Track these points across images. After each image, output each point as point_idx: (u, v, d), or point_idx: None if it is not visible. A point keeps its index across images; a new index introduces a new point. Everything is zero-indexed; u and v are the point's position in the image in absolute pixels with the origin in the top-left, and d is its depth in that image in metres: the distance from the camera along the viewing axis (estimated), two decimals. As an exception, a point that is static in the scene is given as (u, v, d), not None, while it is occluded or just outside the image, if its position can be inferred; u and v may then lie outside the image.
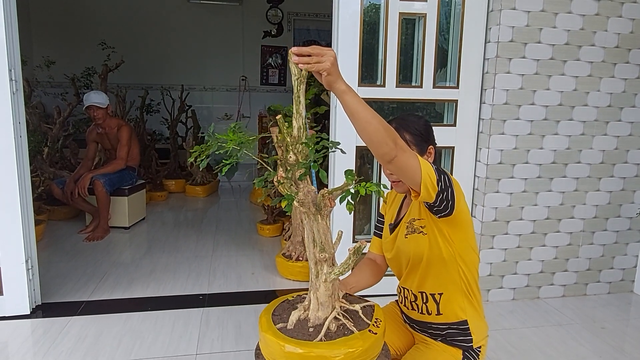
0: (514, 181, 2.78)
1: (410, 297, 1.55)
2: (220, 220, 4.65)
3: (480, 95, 2.79)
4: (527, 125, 2.74)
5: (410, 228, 1.47)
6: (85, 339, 2.35)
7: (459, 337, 1.49)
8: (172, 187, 5.76)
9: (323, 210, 1.16)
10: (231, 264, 3.44)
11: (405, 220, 1.51)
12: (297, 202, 1.16)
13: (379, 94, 2.70)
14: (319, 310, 1.18)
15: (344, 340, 1.09)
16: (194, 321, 2.56)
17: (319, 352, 1.05)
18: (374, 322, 1.16)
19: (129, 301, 2.80)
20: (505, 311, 2.79)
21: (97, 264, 3.35)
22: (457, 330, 1.48)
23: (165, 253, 3.64)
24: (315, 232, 1.18)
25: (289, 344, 1.07)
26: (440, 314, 1.49)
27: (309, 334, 1.14)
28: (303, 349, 1.06)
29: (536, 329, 2.59)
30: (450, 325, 1.49)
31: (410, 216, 1.49)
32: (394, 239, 1.55)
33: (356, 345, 1.07)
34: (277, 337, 1.11)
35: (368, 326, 1.15)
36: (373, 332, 1.13)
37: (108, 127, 4.12)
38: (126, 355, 2.22)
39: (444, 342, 1.52)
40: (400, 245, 1.51)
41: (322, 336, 1.12)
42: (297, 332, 1.15)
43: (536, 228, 2.87)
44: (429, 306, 1.51)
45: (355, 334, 1.12)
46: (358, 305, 1.22)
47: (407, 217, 1.51)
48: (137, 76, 7.28)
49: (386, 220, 1.65)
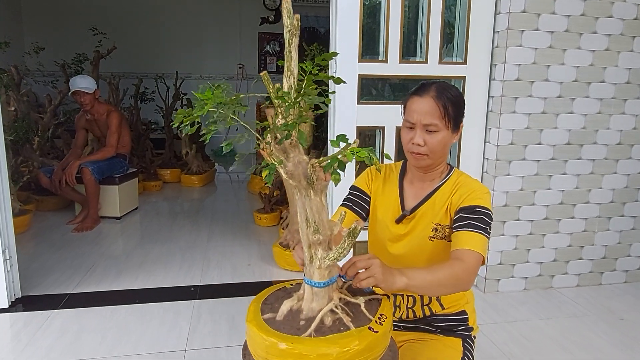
0: (525, 163, 2.60)
1: (409, 302, 1.40)
2: (216, 210, 4.47)
3: (489, 71, 2.60)
4: (540, 103, 2.55)
5: (439, 232, 1.31)
6: (66, 334, 2.19)
7: (459, 327, 1.40)
8: (167, 176, 5.59)
9: (316, 184, 0.98)
10: (226, 254, 3.27)
11: (427, 219, 1.33)
12: (286, 174, 0.98)
13: (381, 70, 2.51)
14: (314, 300, 1.01)
15: (337, 337, 0.93)
16: (184, 314, 2.40)
17: (305, 349, 0.89)
18: (377, 318, 0.99)
19: (115, 294, 2.63)
20: (517, 302, 2.62)
21: (84, 255, 3.18)
22: (458, 321, 1.40)
23: (158, 243, 3.47)
24: (307, 210, 1.00)
25: (272, 337, 0.92)
26: (444, 308, 1.39)
27: (299, 327, 0.97)
28: (287, 343, 0.90)
29: (550, 321, 2.42)
30: (452, 315, 1.39)
31: (436, 219, 1.31)
32: (403, 235, 1.37)
33: (351, 343, 0.91)
34: (261, 328, 0.96)
35: (369, 322, 0.98)
36: (374, 329, 0.95)
37: (97, 114, 3.93)
38: (109, 351, 2.06)
39: (442, 333, 1.40)
40: (421, 245, 1.33)
41: (312, 331, 0.95)
42: (285, 324, 0.98)
43: (549, 213, 2.69)
44: (433, 307, 1.39)
45: (351, 331, 0.95)
46: (362, 298, 1.05)
47: (427, 215, 1.33)
48: (131, 64, 7.08)
49: (379, 202, 1.44)
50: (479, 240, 1.18)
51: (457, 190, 1.29)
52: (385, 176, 1.45)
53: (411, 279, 1.05)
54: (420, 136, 1.25)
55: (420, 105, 1.25)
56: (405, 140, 1.30)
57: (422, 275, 1.08)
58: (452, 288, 1.14)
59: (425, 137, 1.25)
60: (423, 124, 1.24)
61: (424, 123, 1.24)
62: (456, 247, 1.18)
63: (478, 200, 1.24)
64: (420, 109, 1.25)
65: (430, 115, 1.24)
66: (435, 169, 1.34)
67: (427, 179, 1.36)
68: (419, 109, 1.25)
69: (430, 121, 1.23)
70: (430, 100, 1.24)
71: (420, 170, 1.34)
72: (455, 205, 1.27)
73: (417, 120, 1.25)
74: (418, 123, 1.25)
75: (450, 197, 1.30)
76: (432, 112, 1.23)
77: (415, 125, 1.26)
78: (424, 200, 1.34)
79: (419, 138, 1.25)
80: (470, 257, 1.15)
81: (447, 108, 1.24)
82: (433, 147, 1.25)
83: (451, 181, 1.33)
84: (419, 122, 1.25)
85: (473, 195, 1.25)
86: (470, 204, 1.23)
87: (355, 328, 0.96)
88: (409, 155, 1.31)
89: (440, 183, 1.34)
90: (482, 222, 1.20)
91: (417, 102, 1.26)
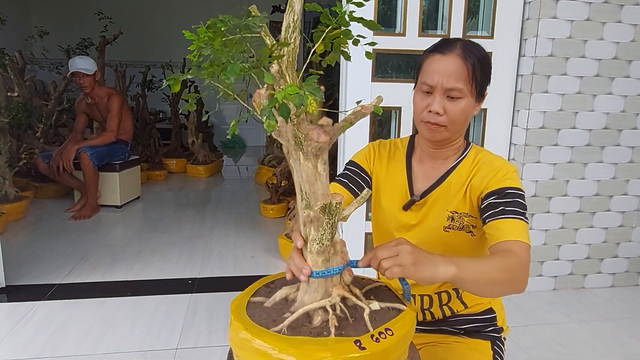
0: (558, 149, 2.35)
1: (424, 304, 1.18)
2: (221, 201, 4.27)
3: (519, 46, 2.34)
4: (576, 82, 2.29)
5: (457, 222, 1.09)
6: (48, 328, 2.00)
7: (486, 328, 1.20)
8: (173, 166, 5.42)
9: (304, 145, 0.76)
10: (229, 246, 3.06)
11: (441, 206, 1.11)
12: (275, 131, 0.77)
13: (398, 43, 2.27)
14: (307, 292, 0.80)
15: (304, 341, 0.71)
16: (178, 309, 2.19)
17: (263, 344, 0.71)
18: (377, 332, 0.74)
19: (107, 285, 2.44)
20: (545, 302, 2.37)
21: (79, 244, 3.00)
22: (485, 321, 1.20)
23: (157, 233, 3.27)
24: (298, 178, 0.79)
25: (239, 322, 0.77)
26: (468, 307, 1.17)
27: (276, 319, 0.77)
28: (248, 333, 0.73)
29: (584, 324, 2.17)
30: (477, 315, 1.19)
31: (452, 206, 1.09)
32: (413, 225, 1.14)
33: (317, 353, 0.68)
34: (235, 311, 0.81)
35: (362, 334, 0.74)
36: (361, 345, 0.70)
37: (97, 97, 3.75)
38: (92, 347, 1.86)
39: (467, 335, 1.18)
40: (434, 237, 1.11)
41: (284, 327, 0.74)
42: (268, 312, 0.80)
43: (583, 206, 2.43)
44: (454, 305, 1.17)
45: (327, 339, 0.72)
46: (377, 304, 0.81)
47: (441, 201, 1.11)
48: (138, 53, 6.93)
49: (382, 185, 1.21)
50: (522, 228, 0.97)
51: (477, 171, 1.07)
52: (390, 154, 1.22)
53: (462, 270, 0.82)
54: (439, 103, 1.02)
55: (444, 64, 1.02)
56: (419, 108, 1.07)
57: (476, 267, 0.85)
58: (506, 287, 0.90)
59: (446, 105, 1.03)
60: (445, 87, 1.02)
61: (446, 87, 1.02)
62: (498, 239, 0.96)
63: (507, 181, 1.02)
64: (442, 70, 1.02)
65: (455, 77, 1.01)
66: (451, 145, 1.12)
67: (440, 156, 1.13)
68: (442, 69, 1.02)
69: (454, 85, 1.01)
70: (456, 59, 1.02)
71: (433, 145, 1.12)
72: (477, 190, 1.05)
73: (437, 83, 1.02)
74: (438, 86, 1.02)
75: (469, 180, 1.08)
76: (457, 73, 1.01)
77: (434, 89, 1.03)
78: (437, 183, 1.12)
79: (437, 105, 1.02)
80: (520, 250, 0.93)
81: (475, 70, 1.02)
82: (454, 116, 1.03)
83: (469, 159, 1.11)
84: (439, 85, 1.02)
85: (499, 176, 1.03)
86: (499, 187, 1.01)
87: (335, 336, 0.72)
88: (422, 127, 1.08)
89: (456, 162, 1.12)
90: (518, 207, 0.99)
91: (439, 61, 1.03)
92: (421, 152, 1.16)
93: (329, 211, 0.71)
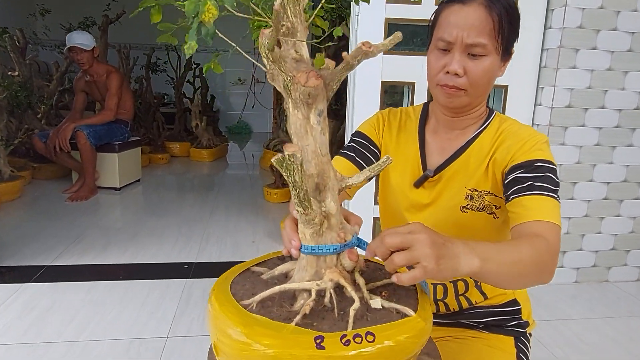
0: (584, 131, 2.16)
1: (437, 294, 1.02)
2: (224, 185, 4.13)
3: (544, 17, 2.15)
4: (607, 57, 2.10)
5: (476, 201, 0.93)
6: (31, 312, 1.86)
7: (510, 322, 1.05)
8: (176, 150, 5.28)
9: (292, 89, 0.62)
10: (229, 230, 2.91)
11: (459, 182, 0.95)
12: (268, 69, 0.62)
13: (412, 12, 2.08)
14: (299, 270, 0.67)
15: (260, 322, 0.58)
16: (172, 295, 2.05)
17: (218, 311, 0.62)
18: (354, 335, 0.56)
19: (98, 268, 2.31)
20: (567, 296, 2.20)
21: (73, 226, 2.87)
22: (507, 314, 1.04)
23: (155, 216, 3.14)
24: (290, 132, 0.66)
25: (217, 285, 0.68)
26: (488, 298, 1.03)
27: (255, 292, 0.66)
28: (214, 297, 0.65)
29: (610, 320, 2.00)
30: (499, 307, 1.04)
31: (471, 183, 0.93)
32: (426, 204, 0.99)
33: (264, 339, 0.56)
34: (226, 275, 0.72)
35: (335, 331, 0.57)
36: (320, 344, 0.55)
37: (96, 74, 3.59)
38: (76, 333, 1.72)
39: (487, 329, 1.04)
40: (449, 218, 0.96)
41: (254, 302, 0.62)
42: (258, 284, 0.68)
43: (610, 192, 2.24)
44: (472, 296, 1.01)
45: (285, 326, 0.58)
46: (379, 301, 0.63)
47: (459, 177, 0.95)
48: (141, 35, 6.75)
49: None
50: (553, 207, 0.81)
51: (501, 143, 0.91)
52: (401, 123, 1.05)
53: (486, 262, 0.65)
54: (459, 62, 0.86)
55: (464, 16, 0.85)
56: (434, 69, 0.90)
57: (501, 256, 0.69)
58: (533, 280, 0.74)
59: (467, 64, 0.86)
60: (466, 43, 0.85)
61: (467, 42, 0.85)
62: (524, 219, 0.80)
63: (537, 153, 0.86)
64: (463, 22, 0.85)
65: (478, 30, 0.85)
66: (471, 112, 0.95)
67: (458, 126, 0.97)
68: (462, 21, 0.85)
69: (477, 40, 0.85)
70: (479, 9, 0.85)
71: (450, 113, 0.95)
72: (501, 164, 0.89)
73: (456, 38, 0.85)
74: (458, 42, 0.85)
75: (491, 152, 0.92)
76: (480, 26, 0.85)
77: (452, 45, 0.86)
78: (454, 157, 0.96)
79: (456, 64, 0.86)
80: (551, 233, 0.77)
81: (501, 22, 0.85)
82: (476, 78, 0.87)
83: (491, 129, 0.95)
84: (459, 40, 0.85)
85: (527, 147, 0.87)
86: (528, 159, 0.86)
87: (299, 326, 0.57)
88: (437, 91, 0.91)
89: (477, 132, 0.95)
90: (549, 182, 0.83)
91: (458, 12, 0.86)
92: (436, 122, 1.00)
93: (285, 166, 0.56)
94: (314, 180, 0.65)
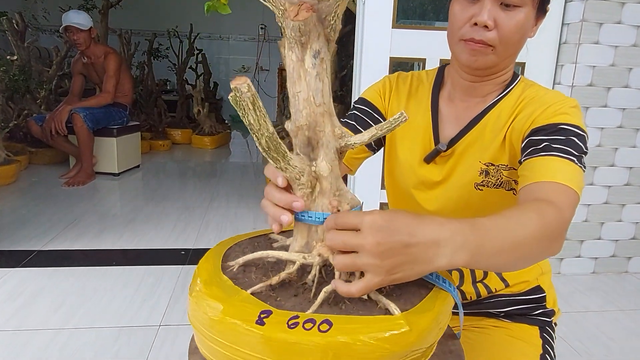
0: (607, 111, 2.02)
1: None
2: (226, 172, 4.02)
3: (566, -11, 2.01)
4: (632, 32, 1.95)
5: (492, 177, 0.81)
6: (17, 298, 1.77)
7: (534, 311, 0.93)
8: (178, 137, 5.18)
9: (284, 27, 0.52)
10: (229, 217, 2.81)
11: (473, 155, 0.82)
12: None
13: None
14: (294, 237, 0.58)
15: (222, 284, 0.54)
16: (167, 282, 1.95)
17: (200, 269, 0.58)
18: (308, 318, 0.47)
19: (91, 253, 2.21)
20: (584, 287, 2.08)
21: (68, 211, 2.77)
22: (531, 302, 0.92)
23: (153, 202, 3.03)
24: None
25: (223, 244, 0.65)
26: (509, 285, 0.90)
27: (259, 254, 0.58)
28: (208, 254, 0.62)
29: (632, 313, 1.88)
30: (522, 295, 0.92)
31: (486, 156, 0.80)
32: (437, 182, 0.87)
33: (211, 302, 0.50)
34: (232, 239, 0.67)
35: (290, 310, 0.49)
36: (262, 320, 0.47)
37: (93, 56, 3.48)
38: (63, 321, 1.62)
39: (508, 318, 0.92)
40: (462, 197, 0.84)
41: (237, 263, 0.57)
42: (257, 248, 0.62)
43: (632, 178, 2.11)
44: (491, 283, 0.89)
45: (241, 293, 0.52)
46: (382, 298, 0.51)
47: (473, 150, 0.82)
48: (143, 21, 6.65)
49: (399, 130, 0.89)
50: (572, 170, 0.67)
51: (522, 110, 0.78)
52: (411, 89, 0.93)
53: (478, 251, 0.50)
54: (489, 12, 0.73)
55: None
56: (459, 20, 0.77)
57: (498, 237, 0.53)
58: (538, 257, 0.59)
59: (498, 15, 0.73)
60: None
61: None
62: (532, 179, 0.67)
63: (562, 116, 0.73)
64: None
65: None
66: (496, 76, 0.82)
67: (478, 93, 0.84)
68: None
69: None
70: None
71: (471, 75, 0.82)
72: (520, 132, 0.76)
73: None
74: None
75: (510, 121, 0.79)
76: None
77: None
78: (469, 127, 0.83)
79: (487, 14, 0.73)
80: (562, 197, 0.63)
81: None
82: (507, 33, 0.74)
83: (513, 96, 0.82)
84: None
85: (551, 110, 0.74)
86: (550, 122, 0.72)
87: (249, 294, 0.51)
88: (460, 48, 0.78)
89: (496, 99, 0.82)
90: (572, 146, 0.69)
91: None
92: (452, 88, 0.87)
93: (238, 104, 0.45)
94: (304, 134, 0.54)
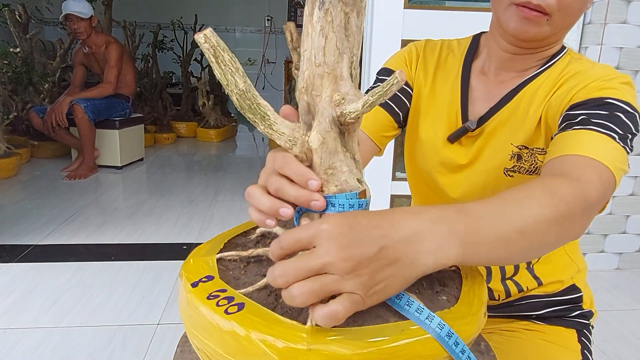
0: (636, 97, 1.89)
1: None
2: (231, 165, 3.93)
3: (591, -35, 1.88)
4: (663, 11, 1.82)
5: (526, 162, 0.70)
6: (11, 294, 1.68)
7: (571, 312, 0.82)
8: (183, 130, 5.09)
9: None
10: (234, 210, 2.71)
11: (503, 136, 0.71)
12: None
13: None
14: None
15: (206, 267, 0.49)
16: (167, 278, 1.86)
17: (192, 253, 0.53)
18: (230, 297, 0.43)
19: (90, 247, 2.12)
20: (608, 285, 1.96)
21: (68, 204, 2.69)
22: (566, 303, 0.82)
23: (156, 195, 2.95)
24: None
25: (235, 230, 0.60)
26: (542, 284, 0.80)
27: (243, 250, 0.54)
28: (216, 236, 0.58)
29: (661, 312, 1.76)
30: (556, 296, 0.81)
31: (518, 138, 0.70)
32: (463, 165, 0.76)
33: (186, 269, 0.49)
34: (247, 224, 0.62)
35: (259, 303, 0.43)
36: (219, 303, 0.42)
37: (94, 45, 3.39)
38: (56, 319, 1.54)
39: (541, 320, 0.82)
40: (489, 182, 0.73)
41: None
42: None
43: (660, 168, 1.99)
44: (522, 281, 0.79)
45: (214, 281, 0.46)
46: None
47: (504, 130, 0.71)
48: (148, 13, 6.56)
49: (424, 104, 0.80)
50: (612, 147, 0.57)
51: (563, 84, 0.67)
52: (440, 59, 0.81)
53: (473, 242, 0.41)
54: None
55: None
56: None
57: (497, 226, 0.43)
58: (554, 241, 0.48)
59: None
60: None
61: None
62: (557, 153, 0.57)
63: (608, 91, 0.62)
64: None
65: None
66: (544, 50, 0.70)
67: (517, 67, 0.72)
68: None
69: None
70: None
71: (516, 47, 0.70)
72: (557, 108, 0.65)
73: None
74: None
75: (548, 97, 0.68)
76: None
77: None
78: (501, 104, 0.72)
79: None
80: (588, 171, 0.53)
81: None
82: (568, 1, 0.62)
83: (556, 70, 0.70)
84: None
85: (596, 85, 0.63)
86: (594, 96, 0.62)
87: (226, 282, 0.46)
88: (510, 13, 0.65)
89: (536, 72, 0.71)
90: (616, 122, 0.59)
91: None
92: (487, 60, 0.76)
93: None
94: (304, 98, 0.44)
